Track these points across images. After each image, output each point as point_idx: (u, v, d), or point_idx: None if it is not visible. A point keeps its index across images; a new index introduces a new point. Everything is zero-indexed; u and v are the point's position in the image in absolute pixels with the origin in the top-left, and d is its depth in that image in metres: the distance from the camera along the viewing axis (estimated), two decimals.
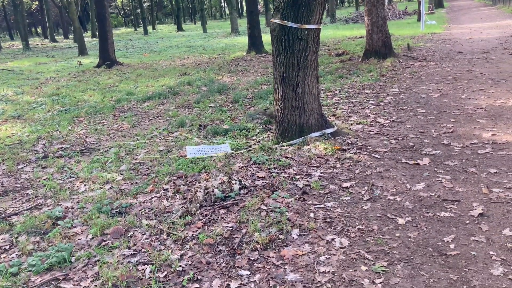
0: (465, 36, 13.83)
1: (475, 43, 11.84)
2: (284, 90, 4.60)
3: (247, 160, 4.32)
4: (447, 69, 8.41)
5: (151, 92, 8.55)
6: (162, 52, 17.77)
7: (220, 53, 15.17)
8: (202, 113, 6.59)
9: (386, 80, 7.91)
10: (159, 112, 7.01)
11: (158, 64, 13.55)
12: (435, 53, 10.72)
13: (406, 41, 13.31)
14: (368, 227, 2.94)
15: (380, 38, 9.91)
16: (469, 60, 9.18)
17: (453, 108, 5.71)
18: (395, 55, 10.17)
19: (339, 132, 4.88)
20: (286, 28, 4.40)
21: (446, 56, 10.10)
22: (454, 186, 3.44)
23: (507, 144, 4.23)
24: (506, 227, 2.79)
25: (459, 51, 10.64)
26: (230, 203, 3.42)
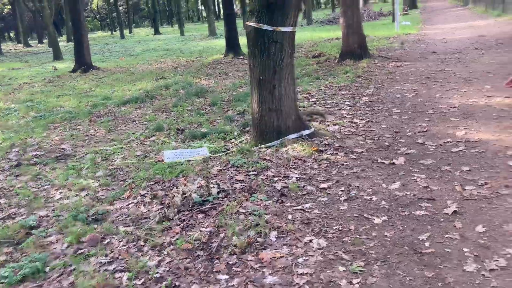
0: (438, 36, 14.12)
1: (448, 43, 12.09)
2: (261, 92, 4.61)
3: (225, 163, 4.31)
4: (422, 69, 8.57)
5: (128, 96, 8.45)
6: (139, 56, 17.61)
7: (198, 56, 15.12)
8: (180, 116, 6.55)
9: (362, 81, 8.01)
10: (136, 116, 6.93)
11: (135, 68, 13.42)
12: (410, 53, 10.91)
13: (382, 42, 13.51)
14: (345, 227, 2.97)
15: (356, 40, 10.03)
16: (443, 60, 9.37)
17: (427, 107, 5.81)
18: (371, 56, 10.31)
19: (316, 133, 4.91)
20: (261, 31, 4.41)
21: (420, 56, 10.28)
22: (429, 184, 3.51)
23: (479, 142, 4.33)
24: (479, 223, 2.85)
25: (433, 51, 10.85)
26: (208, 207, 3.41)
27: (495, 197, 3.19)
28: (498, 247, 2.58)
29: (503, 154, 3.97)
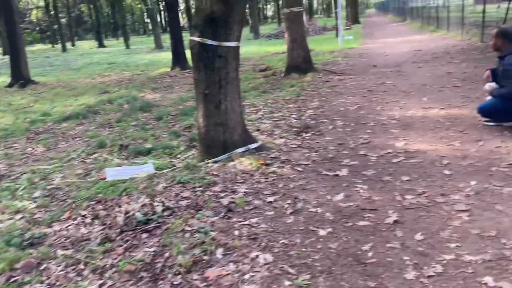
0: (379, 50, 14.74)
1: (388, 57, 12.65)
2: (206, 107, 4.59)
3: (171, 180, 4.22)
4: (364, 82, 8.89)
5: (69, 112, 8.14)
6: (82, 70, 17.06)
7: (144, 70, 14.88)
8: (124, 132, 6.37)
9: (307, 94, 8.18)
10: (77, 133, 6.67)
11: (77, 82, 12.97)
12: (352, 67, 11.30)
13: (326, 56, 13.91)
14: (292, 241, 2.98)
15: (301, 54, 10.26)
16: (383, 73, 9.78)
17: (369, 119, 6.02)
18: (316, 69, 10.57)
19: (263, 146, 4.94)
20: (205, 45, 4.40)
21: (362, 69, 10.68)
22: (371, 195, 3.61)
23: (417, 152, 4.52)
24: (418, 232, 2.96)
25: (374, 64, 11.30)
26: (153, 226, 3.31)
27: (432, 205, 3.33)
28: (435, 253, 2.69)
29: (439, 163, 4.17)
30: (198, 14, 4.43)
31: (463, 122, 5.40)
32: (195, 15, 4.52)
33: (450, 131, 5.13)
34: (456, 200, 3.38)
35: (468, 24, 15.58)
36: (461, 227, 2.97)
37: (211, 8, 4.30)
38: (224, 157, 4.58)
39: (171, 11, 13.61)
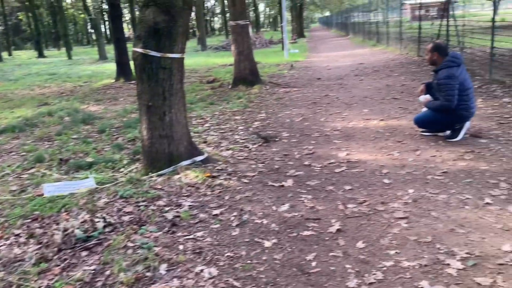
0: (323, 63, 15.18)
1: (331, 70, 13.04)
2: (150, 119, 4.50)
3: (113, 194, 4.08)
4: (308, 95, 9.10)
5: (4, 125, 7.69)
6: (20, 80, 16.22)
7: (87, 81, 14.39)
8: (64, 146, 6.11)
9: (254, 106, 8.25)
10: (13, 147, 6.31)
11: (13, 94, 12.31)
12: (298, 79, 11.54)
13: (272, 69, 14.13)
14: (237, 254, 2.97)
15: (247, 66, 10.36)
16: (327, 86, 10.07)
17: (313, 130, 6.16)
18: (262, 82, 10.70)
19: (210, 159, 4.91)
20: (149, 57, 4.33)
21: (307, 82, 10.93)
22: (315, 205, 3.67)
23: (359, 162, 4.67)
24: (359, 240, 3.04)
25: (318, 77, 11.61)
26: (93, 243, 3.18)
27: (373, 213, 3.44)
28: (376, 261, 2.77)
29: (379, 172, 4.32)
30: (141, 25, 4.36)
31: (401, 133, 5.65)
32: (138, 26, 4.44)
33: (389, 141, 5.35)
34: (395, 208, 3.51)
35: (405, 39, 16.43)
36: (399, 234, 3.09)
37: (154, 19, 4.25)
38: (169, 170, 4.51)
39: (115, 22, 13.30)
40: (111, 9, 13.05)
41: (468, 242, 2.91)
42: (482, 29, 9.46)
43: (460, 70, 4.98)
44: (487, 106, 6.67)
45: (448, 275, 2.56)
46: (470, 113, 5.08)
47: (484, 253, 2.76)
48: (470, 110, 5.05)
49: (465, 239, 2.95)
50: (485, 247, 2.83)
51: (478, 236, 2.98)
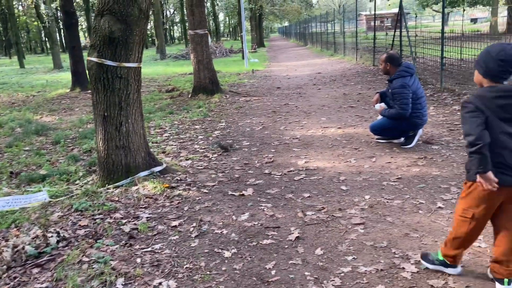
0: (282, 73, 15.37)
1: (291, 79, 13.22)
2: (106, 129, 4.40)
3: (67, 208, 3.95)
4: (268, 103, 9.17)
5: None
6: None
7: (40, 90, 13.89)
8: (15, 158, 5.86)
9: (214, 115, 8.23)
10: None
11: None
12: (258, 88, 11.62)
13: (233, 78, 14.17)
14: (196, 265, 2.93)
15: (207, 75, 10.33)
16: (286, 95, 10.19)
17: (273, 139, 6.21)
18: (222, 91, 10.70)
19: (169, 169, 4.84)
20: (104, 66, 4.24)
21: (267, 91, 11.03)
22: (274, 213, 3.69)
23: (317, 170, 4.74)
24: (318, 247, 3.08)
25: (277, 86, 11.74)
26: (46, 259, 3.06)
27: (331, 220, 3.50)
28: (334, 267, 2.81)
29: (336, 179, 4.40)
30: (96, 34, 4.26)
31: (358, 140, 5.79)
32: (93, 35, 4.34)
33: (346, 148, 5.47)
34: (352, 214, 3.58)
35: (361, 49, 16.92)
36: (357, 240, 3.15)
37: (110, 28, 4.17)
38: (126, 182, 4.41)
39: (70, 30, 12.94)
40: (65, 17, 12.69)
41: (422, 246, 3.00)
42: (433, 39, 9.88)
43: (412, 80, 5.18)
44: (438, 113, 6.95)
45: (403, 279, 2.63)
46: (423, 120, 5.28)
47: None
48: (423, 117, 5.25)
49: (419, 243, 3.04)
50: (438, 250, 2.93)
51: (431, 239, 3.08)
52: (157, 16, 29.91)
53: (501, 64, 2.29)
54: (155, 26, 31.85)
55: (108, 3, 4.17)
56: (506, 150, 2.30)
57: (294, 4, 41.20)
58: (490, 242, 2.97)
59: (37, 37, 60.94)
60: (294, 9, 41.17)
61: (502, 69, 2.30)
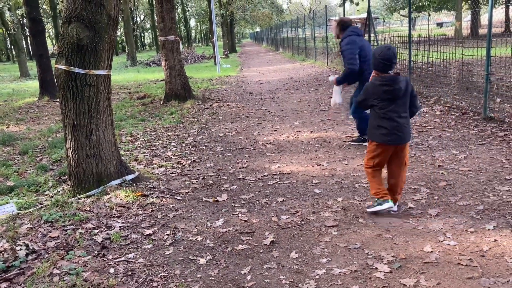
0: (255, 78, 15.43)
1: (263, 85, 13.29)
2: (76, 138, 4.31)
3: (37, 219, 3.85)
4: (241, 109, 9.19)
5: None
6: None
7: (6, 99, 13.51)
8: None
9: (187, 121, 8.19)
10: None
11: None
12: (230, 94, 11.63)
13: (205, 84, 14.14)
14: (171, 273, 2.90)
15: (179, 82, 10.28)
16: (259, 100, 10.23)
17: (247, 144, 6.22)
18: (195, 97, 10.66)
19: (141, 177, 4.78)
20: (73, 74, 4.17)
21: (240, 97, 11.05)
22: (249, 218, 3.69)
23: (291, 174, 4.78)
24: (293, 250, 3.10)
25: (250, 92, 11.78)
26: (15, 273, 2.97)
27: (305, 223, 3.53)
28: (309, 270, 2.83)
29: (310, 183, 4.45)
30: (64, 41, 4.18)
31: (330, 144, 5.87)
32: (60, 42, 4.26)
33: (319, 152, 5.53)
34: (326, 216, 3.62)
35: (332, 54, 17.16)
36: (330, 242, 3.19)
37: (78, 35, 4.10)
38: (97, 191, 4.33)
39: (37, 37, 12.64)
40: (32, 24, 12.40)
41: (394, 246, 3.06)
42: (401, 43, 10.12)
43: (360, 39, 5.36)
44: None
45: (377, 279, 2.68)
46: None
47: (408, 255, 2.92)
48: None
49: (391, 243, 3.10)
50: (409, 249, 3.00)
51: (402, 239, 3.15)
52: (127, 23, 29.59)
53: (382, 62, 3.38)
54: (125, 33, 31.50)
55: (75, 10, 4.10)
56: (386, 120, 3.43)
57: (265, 10, 41.48)
58: (459, 240, 3.06)
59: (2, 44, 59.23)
60: (265, 14, 41.46)
61: (383, 65, 3.39)
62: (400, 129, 3.42)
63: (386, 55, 3.37)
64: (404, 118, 3.46)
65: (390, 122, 3.42)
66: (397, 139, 3.43)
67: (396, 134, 3.42)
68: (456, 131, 5.93)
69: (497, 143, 5.24)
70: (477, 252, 2.89)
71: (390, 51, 3.39)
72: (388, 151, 3.50)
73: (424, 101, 8.08)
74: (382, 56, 3.38)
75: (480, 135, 5.62)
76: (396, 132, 3.41)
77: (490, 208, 3.54)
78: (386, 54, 3.37)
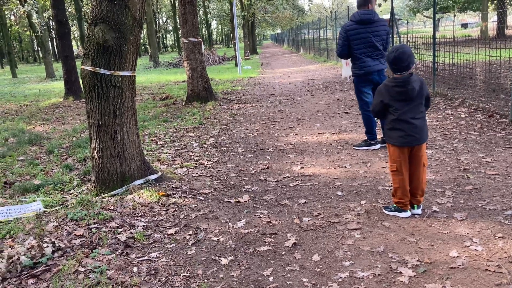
0: (276, 79, 15.42)
1: (284, 86, 13.27)
2: (101, 138, 4.39)
3: (62, 217, 3.93)
4: (262, 110, 9.20)
5: None
6: None
7: (33, 100, 13.84)
8: (9, 168, 5.82)
9: (209, 122, 8.23)
10: None
11: None
12: (251, 95, 11.65)
13: (226, 85, 14.20)
14: (193, 273, 2.92)
15: (201, 83, 10.35)
16: (280, 101, 10.22)
17: (268, 145, 6.21)
18: (216, 98, 10.71)
19: (164, 177, 4.83)
20: (98, 75, 4.24)
21: (260, 98, 11.05)
22: (271, 219, 3.69)
23: (312, 176, 4.75)
24: (315, 252, 3.08)
25: (271, 93, 11.77)
26: (41, 270, 3.03)
27: (327, 226, 3.50)
28: (331, 273, 2.81)
29: (332, 185, 4.41)
30: (90, 42, 4.26)
31: (352, 146, 5.80)
32: (86, 43, 4.34)
33: (341, 154, 5.49)
34: (349, 219, 3.59)
35: None
36: (353, 245, 3.15)
37: (104, 36, 4.17)
38: (121, 190, 4.39)
39: (63, 39, 12.92)
40: (58, 26, 12.68)
41: (418, 250, 3.01)
42: (425, 45, 9.96)
43: (355, 27, 5.34)
44: (432, 118, 7.00)
45: (401, 283, 2.64)
46: (361, 68, 5.43)
47: (433, 259, 2.87)
48: (362, 68, 5.42)
49: (416, 247, 3.05)
50: (434, 254, 2.94)
51: (427, 243, 3.09)
52: (150, 25, 29.96)
53: (389, 64, 3.44)
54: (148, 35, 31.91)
55: (101, 12, 4.18)
56: (402, 122, 3.45)
57: (286, 11, 41.40)
58: (486, 245, 2.99)
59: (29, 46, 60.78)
60: (286, 16, 41.38)
61: (391, 67, 3.44)
62: (417, 131, 3.42)
63: (389, 58, 3.42)
64: (420, 119, 3.45)
65: (406, 124, 3.42)
66: (414, 140, 3.44)
67: (412, 135, 3.42)
68: (482, 134, 5.80)
69: None
70: (505, 258, 2.81)
71: (394, 53, 3.37)
72: (405, 153, 3.50)
73: (449, 103, 7.94)
74: (387, 58, 3.45)
75: (507, 138, 5.49)
76: (412, 134, 3.42)
77: None
78: (389, 57, 3.41)
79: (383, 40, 5.44)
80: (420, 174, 3.52)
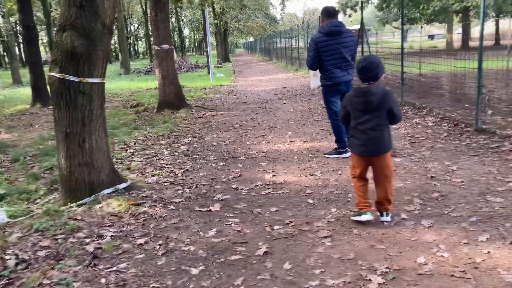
0: (248, 87, 15.47)
1: (256, 94, 13.33)
2: (69, 146, 4.28)
3: (27, 228, 3.79)
4: (234, 118, 9.20)
5: None
6: None
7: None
8: None
9: (180, 130, 8.17)
10: None
11: None
12: (224, 103, 11.64)
13: (199, 93, 14.14)
14: (163, 284, 2.87)
15: (173, 90, 10.28)
16: (252, 109, 10.25)
17: (240, 153, 6.21)
18: (188, 105, 10.65)
19: (134, 186, 4.75)
20: (66, 82, 4.15)
21: (233, 106, 11.06)
22: (242, 228, 3.68)
23: (284, 184, 4.77)
24: (286, 261, 3.08)
25: (243, 101, 11.80)
26: (3, 283, 2.92)
27: (298, 234, 3.51)
28: (302, 281, 2.82)
29: (303, 193, 4.44)
30: (58, 49, 4.17)
31: (323, 154, 5.87)
32: (54, 50, 4.24)
33: (312, 162, 5.54)
34: (320, 227, 3.62)
35: None
36: (324, 253, 3.18)
37: (72, 43, 4.09)
38: (89, 200, 4.29)
39: (30, 44, 12.60)
40: (25, 31, 12.37)
41: (388, 257, 3.05)
42: (393, 55, 10.22)
43: (325, 39, 5.43)
44: (400, 126, 7.16)
45: None
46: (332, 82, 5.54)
47: (401, 266, 2.92)
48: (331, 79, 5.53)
49: (385, 254, 3.10)
50: (403, 260, 2.99)
51: (396, 250, 3.14)
52: (121, 31, 29.62)
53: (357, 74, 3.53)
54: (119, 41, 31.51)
55: (70, 18, 4.10)
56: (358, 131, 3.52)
57: (258, 20, 41.68)
58: (452, 251, 3.07)
59: None
60: (259, 25, 41.66)
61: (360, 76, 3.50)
62: (371, 142, 3.47)
63: (357, 68, 3.49)
64: (378, 131, 3.47)
65: (362, 134, 3.50)
66: (368, 151, 3.51)
67: (366, 146, 3.49)
68: (448, 142, 5.97)
69: (489, 154, 5.28)
70: (470, 264, 2.89)
71: (362, 63, 3.44)
72: (363, 162, 3.58)
73: (417, 112, 8.14)
74: (356, 68, 3.54)
75: (472, 147, 5.67)
76: (367, 144, 3.49)
77: (483, 219, 3.55)
78: (357, 67, 3.49)
79: (352, 51, 5.58)
80: (384, 184, 3.57)
